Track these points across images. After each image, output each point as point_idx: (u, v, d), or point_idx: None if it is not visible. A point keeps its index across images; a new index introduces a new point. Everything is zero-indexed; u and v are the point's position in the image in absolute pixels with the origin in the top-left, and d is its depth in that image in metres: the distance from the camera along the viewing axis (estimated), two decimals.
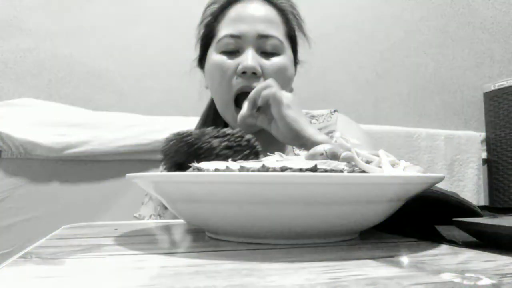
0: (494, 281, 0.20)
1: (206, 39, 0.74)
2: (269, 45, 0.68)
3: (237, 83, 0.66)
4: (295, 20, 0.75)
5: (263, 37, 0.67)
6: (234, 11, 0.70)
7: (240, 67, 0.66)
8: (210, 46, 0.72)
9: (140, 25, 1.27)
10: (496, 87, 1.52)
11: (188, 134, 0.46)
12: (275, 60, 0.68)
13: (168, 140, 0.47)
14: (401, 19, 1.57)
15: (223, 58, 0.68)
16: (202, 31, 0.75)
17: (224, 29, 0.69)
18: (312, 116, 0.81)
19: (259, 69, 0.66)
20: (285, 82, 0.70)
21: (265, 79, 0.67)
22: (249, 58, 0.66)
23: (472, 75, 1.63)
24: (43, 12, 1.19)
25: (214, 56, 0.70)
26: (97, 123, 1.09)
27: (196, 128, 0.80)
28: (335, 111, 0.81)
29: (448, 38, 1.62)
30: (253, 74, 0.66)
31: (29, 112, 1.06)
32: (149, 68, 1.27)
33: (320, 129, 0.76)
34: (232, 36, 0.67)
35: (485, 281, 0.20)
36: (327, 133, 0.75)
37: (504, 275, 0.21)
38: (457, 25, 1.63)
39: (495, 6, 1.68)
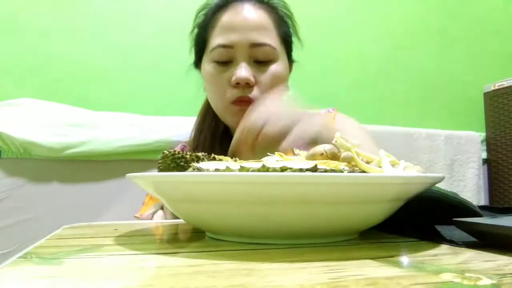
0: (494, 281, 0.20)
1: (200, 45, 0.74)
2: (262, 53, 0.68)
3: (231, 94, 0.67)
4: (288, 21, 0.75)
5: (255, 45, 0.67)
6: (225, 18, 0.69)
7: (233, 78, 0.66)
8: (204, 53, 0.72)
9: (140, 25, 1.27)
10: (496, 87, 1.52)
11: (182, 156, 0.45)
12: (268, 69, 0.68)
13: (163, 156, 0.46)
14: (401, 19, 1.57)
15: (217, 69, 0.68)
16: (195, 37, 0.75)
17: (216, 38, 0.68)
18: None
19: (252, 80, 0.66)
20: (280, 87, 0.71)
21: (259, 88, 0.68)
22: (242, 69, 0.66)
23: (472, 75, 1.62)
24: (43, 12, 1.19)
25: (207, 66, 0.70)
26: (97, 123, 1.09)
27: (195, 126, 0.81)
28: (333, 109, 0.81)
29: (448, 38, 1.62)
30: (246, 85, 0.66)
31: (29, 112, 1.06)
32: (149, 68, 1.27)
33: None
34: (224, 46, 0.67)
35: (485, 281, 0.20)
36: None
37: (504, 275, 0.21)
38: (457, 25, 1.63)
39: (495, 6, 1.68)
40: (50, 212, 1.05)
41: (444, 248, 0.29)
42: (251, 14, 0.68)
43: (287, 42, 0.74)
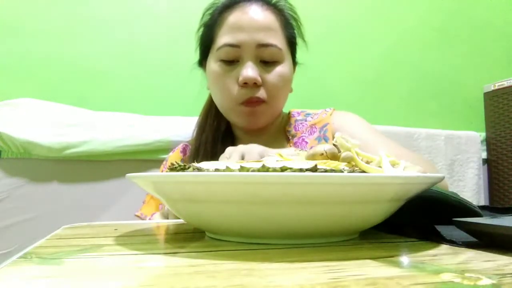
0: (494, 281, 0.20)
1: (206, 44, 0.74)
2: (268, 54, 0.68)
3: (240, 94, 0.67)
4: (294, 23, 0.76)
5: (262, 46, 0.67)
6: (233, 17, 0.69)
7: (241, 78, 0.66)
8: (210, 52, 0.73)
9: (140, 25, 1.27)
10: (496, 87, 1.52)
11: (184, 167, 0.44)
12: (274, 69, 0.69)
13: (172, 169, 0.46)
14: (401, 19, 1.57)
15: (223, 68, 0.69)
16: (201, 35, 0.76)
17: (223, 37, 0.69)
18: (307, 114, 0.82)
19: (259, 80, 0.67)
20: (285, 88, 0.72)
21: (265, 89, 0.68)
22: (249, 69, 0.66)
23: (472, 75, 1.62)
24: (43, 12, 1.19)
25: (214, 65, 0.70)
26: (97, 123, 1.09)
27: (197, 126, 0.81)
28: (330, 109, 0.81)
29: (448, 38, 1.62)
30: (254, 85, 0.67)
31: (29, 112, 1.06)
32: (149, 68, 1.27)
33: (315, 124, 0.77)
34: (231, 45, 0.67)
35: (485, 281, 0.20)
36: (322, 127, 0.76)
37: (504, 275, 0.21)
38: (457, 25, 1.63)
39: (495, 5, 1.68)
40: (50, 212, 1.05)
41: (444, 248, 0.29)
42: (259, 15, 0.69)
43: (292, 43, 0.75)
